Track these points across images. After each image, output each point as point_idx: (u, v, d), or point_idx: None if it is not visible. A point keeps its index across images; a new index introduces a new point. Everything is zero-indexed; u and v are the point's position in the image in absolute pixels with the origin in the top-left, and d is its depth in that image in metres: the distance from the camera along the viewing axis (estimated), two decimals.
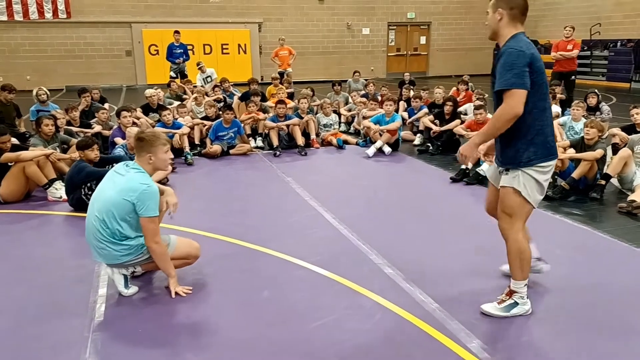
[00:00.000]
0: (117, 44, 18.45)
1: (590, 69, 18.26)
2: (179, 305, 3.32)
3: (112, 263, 3.35)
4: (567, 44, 10.42)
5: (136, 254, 3.34)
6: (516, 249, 2.94)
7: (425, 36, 22.13)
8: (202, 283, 3.63)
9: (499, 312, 3.07)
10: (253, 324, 3.09)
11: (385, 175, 6.82)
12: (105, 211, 3.23)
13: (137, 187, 3.21)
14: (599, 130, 5.47)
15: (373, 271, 3.76)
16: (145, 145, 3.28)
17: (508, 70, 2.69)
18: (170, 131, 7.32)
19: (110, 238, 3.26)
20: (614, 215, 4.91)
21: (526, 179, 2.84)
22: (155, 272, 3.71)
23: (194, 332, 3.01)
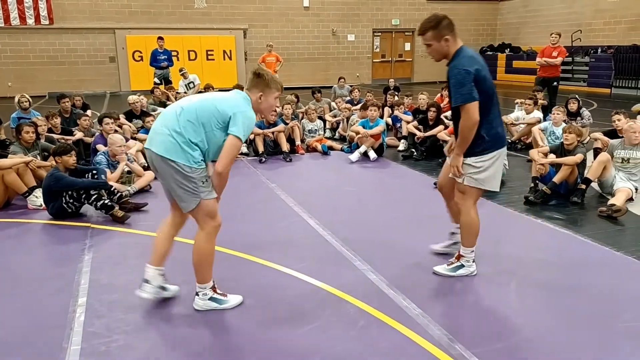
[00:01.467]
0: (101, 50, 18.31)
1: (572, 75, 18.52)
2: (159, 314, 3.28)
3: (162, 153, 2.94)
4: (553, 50, 10.57)
5: (185, 161, 2.94)
6: (467, 220, 3.50)
7: (410, 43, 22.30)
8: (185, 290, 3.59)
9: (447, 272, 3.64)
10: (236, 331, 3.07)
11: (369, 180, 6.83)
12: (195, 111, 2.96)
13: (240, 105, 2.99)
14: (577, 135, 5.54)
15: (357, 277, 3.75)
16: (261, 83, 3.08)
17: (459, 89, 3.18)
18: None
19: (182, 133, 2.93)
20: (595, 219, 4.97)
21: (478, 165, 3.37)
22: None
23: (175, 340, 2.98)
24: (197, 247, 3.16)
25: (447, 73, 3.29)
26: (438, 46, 3.24)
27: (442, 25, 3.21)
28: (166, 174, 3.01)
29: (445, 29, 3.20)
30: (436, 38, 3.21)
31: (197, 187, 3.00)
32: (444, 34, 3.21)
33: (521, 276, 3.76)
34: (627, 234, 4.60)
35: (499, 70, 21.71)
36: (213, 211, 3.11)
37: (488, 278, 3.75)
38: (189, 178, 2.97)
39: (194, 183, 2.99)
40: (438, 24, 3.21)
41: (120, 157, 5.82)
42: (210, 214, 3.10)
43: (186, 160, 2.94)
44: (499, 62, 21.70)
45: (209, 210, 3.09)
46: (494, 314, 3.28)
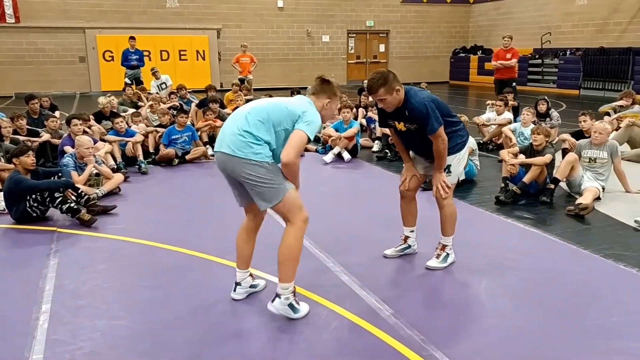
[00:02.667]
0: (70, 50, 17.91)
1: (542, 77, 18.90)
2: (125, 318, 3.20)
3: (236, 153, 2.92)
4: (507, 52, 10.80)
5: (258, 157, 2.91)
6: (451, 211, 3.82)
7: (384, 44, 22.43)
8: (153, 296, 3.52)
9: (440, 264, 3.86)
10: (207, 337, 3.01)
11: (343, 181, 6.83)
12: (266, 111, 3.00)
13: (309, 107, 3.05)
14: (546, 136, 5.64)
15: (330, 279, 3.73)
16: (329, 90, 3.18)
17: (430, 119, 3.48)
18: (123, 139, 7.13)
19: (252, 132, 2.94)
20: (563, 218, 5.06)
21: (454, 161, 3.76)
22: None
23: (143, 347, 2.91)
24: (287, 243, 3.03)
25: (409, 113, 3.52)
26: (391, 98, 3.46)
27: (390, 79, 3.41)
28: (242, 173, 2.94)
29: (393, 81, 3.42)
30: (389, 92, 3.43)
31: (280, 179, 2.97)
32: (394, 86, 3.43)
33: (492, 276, 3.80)
34: (594, 233, 4.69)
35: (471, 72, 22.03)
36: (299, 202, 3.05)
37: (459, 278, 3.78)
38: (268, 171, 2.93)
39: (274, 175, 2.95)
40: (386, 79, 3.41)
41: (87, 159, 5.69)
42: (297, 205, 3.03)
43: (260, 156, 2.92)
44: (471, 63, 22.00)
45: (294, 201, 3.02)
46: (465, 314, 3.29)
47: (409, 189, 3.94)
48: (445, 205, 3.79)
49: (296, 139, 2.94)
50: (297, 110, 3.00)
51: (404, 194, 3.98)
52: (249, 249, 3.38)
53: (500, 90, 10.57)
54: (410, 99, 3.51)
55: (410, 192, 3.97)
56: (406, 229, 4.09)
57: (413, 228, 4.07)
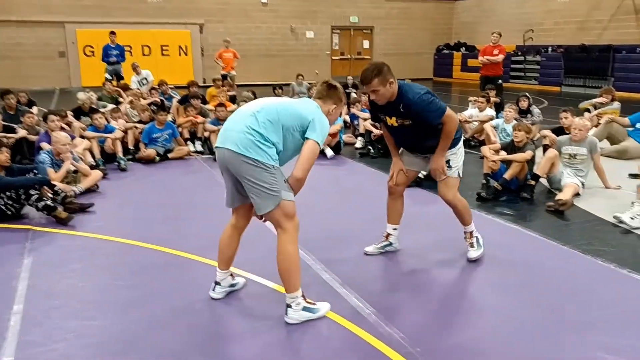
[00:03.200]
0: (50, 45, 17.61)
1: (524, 74, 19.06)
2: (100, 318, 3.14)
3: (241, 151, 2.84)
4: (494, 49, 10.84)
5: (263, 158, 2.84)
6: (463, 204, 3.84)
7: (369, 40, 22.43)
8: (130, 295, 3.45)
9: (478, 250, 3.93)
10: (184, 337, 2.96)
11: (326, 178, 6.79)
12: (276, 111, 2.93)
13: (318, 112, 3.01)
14: (527, 133, 5.66)
15: (311, 276, 3.69)
16: (335, 95, 3.15)
17: (431, 109, 3.44)
18: (102, 135, 7.02)
19: (261, 131, 2.86)
20: (543, 214, 5.09)
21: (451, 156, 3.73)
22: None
23: (116, 346, 2.85)
24: (283, 252, 2.98)
25: (404, 109, 3.47)
26: (384, 90, 3.41)
27: (385, 71, 3.37)
28: (244, 173, 2.87)
29: (387, 73, 3.38)
30: (382, 83, 3.38)
31: (278, 186, 2.89)
32: (388, 78, 3.38)
33: (471, 273, 3.80)
34: (573, 229, 4.72)
35: (454, 68, 22.14)
36: (293, 211, 2.99)
37: (439, 275, 3.78)
38: (270, 175, 2.86)
39: (275, 180, 2.87)
40: (380, 70, 3.37)
41: (64, 155, 5.57)
42: (289, 214, 2.97)
43: (266, 158, 2.85)
44: (455, 60, 22.11)
45: (288, 210, 2.96)
46: (445, 311, 3.29)
47: (397, 184, 3.90)
48: (457, 200, 3.81)
49: (310, 152, 2.92)
50: (308, 116, 2.95)
51: (392, 190, 3.94)
52: (231, 250, 3.33)
53: (485, 86, 10.58)
54: (405, 94, 3.44)
55: (398, 188, 3.93)
56: (390, 225, 4.05)
57: (397, 226, 4.03)
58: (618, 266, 3.84)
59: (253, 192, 2.93)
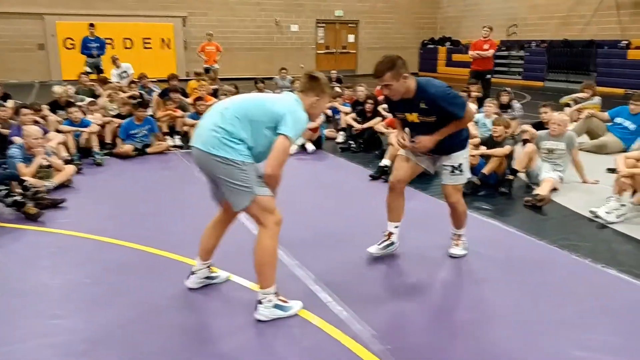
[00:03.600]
0: (29, 37, 17.26)
1: (508, 68, 19.11)
2: (67, 317, 3.05)
3: (208, 149, 2.80)
4: (484, 43, 10.83)
5: (232, 155, 2.78)
6: (463, 209, 3.81)
7: (354, 34, 22.34)
8: (98, 294, 3.37)
9: (462, 250, 3.88)
10: (152, 336, 2.89)
11: (306, 173, 6.74)
12: (244, 107, 2.86)
13: (293, 106, 2.89)
14: (505, 127, 5.65)
15: (284, 273, 3.62)
16: (318, 87, 3.00)
17: (455, 103, 3.37)
18: (77, 129, 6.88)
19: (227, 128, 2.80)
20: (521, 209, 5.08)
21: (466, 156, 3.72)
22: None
23: (82, 346, 2.77)
24: (260, 246, 2.92)
25: (428, 105, 3.35)
26: (398, 85, 3.28)
27: (398, 65, 3.25)
28: (215, 171, 2.84)
29: (402, 67, 3.26)
30: (395, 77, 3.25)
31: (251, 182, 2.82)
32: (402, 72, 3.26)
33: (447, 269, 3.77)
34: (550, 224, 4.72)
35: (439, 63, 22.14)
36: (270, 206, 2.92)
37: (415, 271, 3.74)
38: (240, 172, 2.80)
39: (247, 176, 2.81)
40: (394, 64, 3.24)
41: (36, 150, 5.44)
42: (268, 209, 2.90)
43: (234, 155, 2.78)
44: (440, 55, 22.12)
45: (265, 205, 2.89)
46: (419, 308, 3.25)
47: (399, 181, 3.72)
48: (460, 204, 3.74)
49: (280, 148, 2.81)
50: (280, 110, 2.86)
51: (393, 186, 3.75)
52: (211, 242, 3.29)
53: (478, 81, 10.58)
54: (426, 90, 3.32)
55: (399, 185, 3.73)
56: (391, 224, 3.81)
57: (398, 224, 3.81)
58: (593, 261, 3.84)
59: (225, 189, 2.88)
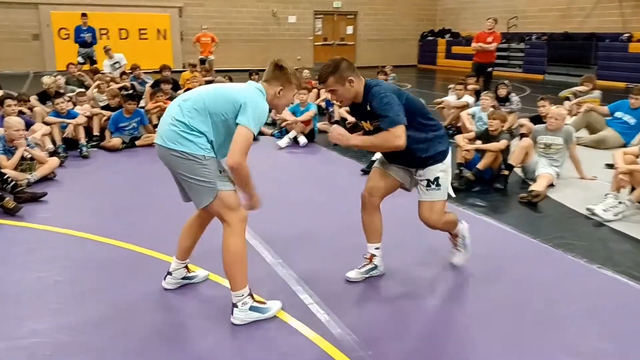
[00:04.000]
0: (23, 27, 17.01)
1: (508, 61, 18.88)
2: (35, 318, 2.91)
3: (167, 144, 2.68)
4: (488, 35, 10.63)
5: (191, 150, 2.65)
6: (448, 223, 3.40)
7: (352, 26, 22.08)
8: (72, 292, 3.23)
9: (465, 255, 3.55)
10: (124, 339, 2.75)
11: (297, 167, 6.59)
12: (202, 99, 2.71)
13: (253, 96, 2.71)
14: (502, 121, 5.50)
15: (265, 272, 3.50)
16: (282, 76, 2.81)
17: (387, 108, 2.94)
18: (64, 121, 6.72)
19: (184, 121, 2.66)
20: (516, 206, 4.93)
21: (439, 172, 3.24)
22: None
23: (46, 350, 2.63)
24: (226, 247, 2.75)
25: (371, 108, 3.02)
26: (343, 90, 3.01)
27: (342, 68, 2.97)
28: (175, 167, 2.72)
29: (346, 70, 2.98)
30: (339, 82, 2.98)
31: (212, 177, 2.67)
32: (346, 76, 2.97)
33: (436, 268, 3.63)
34: (545, 221, 4.57)
35: (439, 55, 21.91)
36: (234, 203, 2.75)
37: (402, 270, 3.58)
38: (201, 167, 2.65)
39: (208, 171, 2.65)
40: (337, 67, 2.97)
41: (17, 142, 5.29)
42: (230, 206, 2.74)
43: (193, 149, 2.64)
44: (439, 47, 21.88)
45: (228, 202, 2.72)
46: (402, 313, 3.10)
47: (372, 195, 3.29)
48: (441, 228, 3.35)
49: (239, 138, 2.63)
50: (240, 99, 2.69)
51: (365, 202, 3.32)
52: (188, 242, 3.16)
53: (478, 73, 10.44)
54: (370, 90, 3.03)
55: (373, 199, 3.30)
56: (370, 245, 3.40)
57: (378, 245, 3.39)
58: (588, 261, 3.70)
59: (187, 187, 2.76)
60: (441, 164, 3.17)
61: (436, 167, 3.15)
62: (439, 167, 3.16)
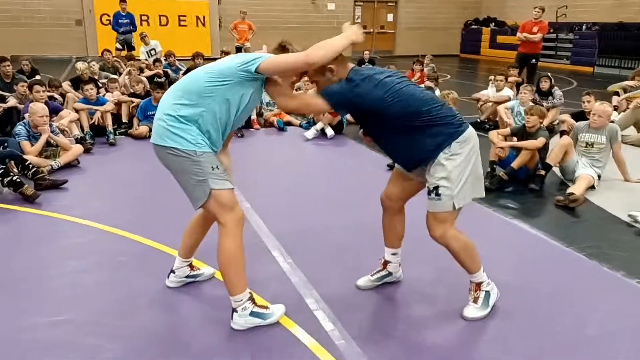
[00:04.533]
0: (66, 13, 17.40)
1: (555, 52, 18.06)
2: (33, 314, 2.85)
3: (157, 141, 2.52)
4: (534, 25, 10.11)
5: (181, 145, 2.45)
6: (460, 247, 2.78)
7: (393, 14, 21.58)
8: (70, 288, 3.16)
9: (481, 312, 2.87)
10: (124, 337, 2.65)
11: (321, 160, 6.40)
12: (182, 82, 2.56)
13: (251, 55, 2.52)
14: (540, 117, 5.13)
15: (275, 273, 3.33)
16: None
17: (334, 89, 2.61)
18: (92, 108, 6.73)
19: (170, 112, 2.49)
20: (551, 209, 4.60)
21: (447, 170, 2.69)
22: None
23: (50, 345, 2.56)
24: (221, 249, 2.58)
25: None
26: (325, 81, 2.66)
27: None
28: (169, 166, 2.57)
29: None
30: (320, 71, 2.64)
31: (205, 174, 2.48)
32: (327, 64, 2.61)
33: (458, 277, 3.32)
34: (582, 227, 4.22)
35: (482, 45, 21.20)
36: (229, 202, 2.55)
37: (421, 279, 3.32)
38: (193, 163, 2.46)
39: (200, 168, 2.47)
40: None
41: (42, 128, 5.30)
42: (226, 205, 2.54)
43: (183, 144, 2.44)
44: (483, 36, 21.16)
45: (223, 201, 2.53)
46: (415, 325, 2.87)
47: (388, 197, 3.00)
48: (448, 243, 2.75)
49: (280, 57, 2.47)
50: (230, 64, 2.48)
51: (385, 205, 3.03)
52: (191, 241, 3.04)
53: (522, 65, 9.98)
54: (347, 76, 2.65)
55: (392, 203, 3.00)
56: (388, 250, 3.12)
57: (396, 250, 3.11)
58: (626, 274, 3.37)
59: (182, 186, 2.60)
60: (443, 168, 2.61)
61: (440, 170, 2.62)
62: (441, 171, 2.62)
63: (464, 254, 2.80)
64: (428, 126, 2.61)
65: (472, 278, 2.91)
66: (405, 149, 2.70)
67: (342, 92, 2.58)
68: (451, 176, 2.61)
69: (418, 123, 2.60)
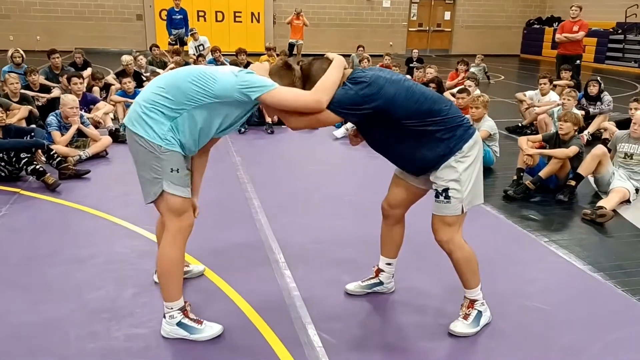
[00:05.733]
0: (128, 7, 18.12)
1: (622, 55, 16.94)
2: (34, 307, 2.94)
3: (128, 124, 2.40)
4: (573, 25, 9.60)
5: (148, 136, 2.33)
6: (463, 257, 2.67)
7: (450, 11, 20.99)
8: (64, 281, 3.23)
9: (469, 329, 2.72)
10: (100, 337, 2.69)
11: (344, 159, 6.28)
12: (169, 76, 2.46)
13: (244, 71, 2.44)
14: (574, 124, 4.79)
15: (267, 281, 3.22)
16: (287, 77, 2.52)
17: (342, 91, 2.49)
18: (128, 100, 6.94)
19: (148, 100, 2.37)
20: (577, 223, 4.28)
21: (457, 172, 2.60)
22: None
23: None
24: (161, 255, 2.53)
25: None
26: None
27: (316, 67, 2.54)
28: (133, 153, 2.44)
29: (324, 62, 2.55)
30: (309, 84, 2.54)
31: (162, 173, 2.37)
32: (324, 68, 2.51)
33: (456, 294, 3.13)
34: (609, 247, 3.88)
35: (545, 45, 20.22)
36: (179, 208, 2.45)
37: (418, 291, 3.17)
38: (155, 158, 2.34)
39: (160, 166, 2.35)
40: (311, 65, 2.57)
41: (72, 119, 5.50)
42: (174, 211, 2.45)
43: (153, 136, 2.32)
44: (546, 36, 20.15)
45: (171, 205, 2.43)
46: (408, 349, 2.75)
47: (390, 205, 2.90)
48: (452, 250, 2.65)
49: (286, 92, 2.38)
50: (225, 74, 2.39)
51: (385, 213, 2.94)
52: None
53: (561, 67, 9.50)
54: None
55: (393, 211, 2.90)
56: (383, 259, 3.05)
57: (391, 260, 3.03)
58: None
59: (138, 175, 2.47)
60: (453, 170, 2.50)
61: (449, 173, 2.51)
62: (450, 174, 2.51)
63: (466, 267, 2.68)
64: (440, 130, 2.49)
65: (468, 294, 2.76)
66: (418, 154, 2.56)
67: (352, 98, 2.42)
68: (461, 178, 2.52)
69: (431, 127, 2.48)
